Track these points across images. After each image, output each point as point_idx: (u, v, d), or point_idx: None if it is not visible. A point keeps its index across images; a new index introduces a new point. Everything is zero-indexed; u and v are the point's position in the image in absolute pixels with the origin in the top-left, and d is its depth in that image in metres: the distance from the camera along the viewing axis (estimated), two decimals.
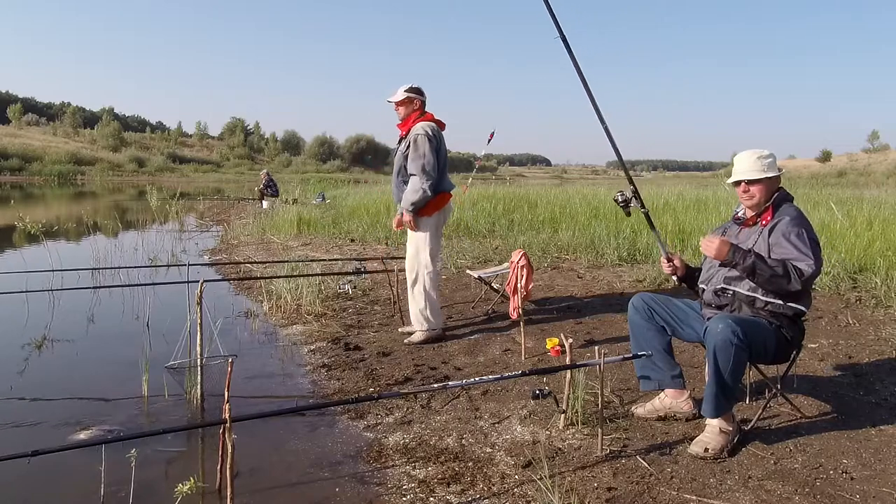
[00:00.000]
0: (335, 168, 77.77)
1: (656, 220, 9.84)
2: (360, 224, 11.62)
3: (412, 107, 4.60)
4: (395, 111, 4.67)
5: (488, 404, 3.54)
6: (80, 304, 6.10)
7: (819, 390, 3.60)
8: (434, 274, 4.64)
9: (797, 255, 2.85)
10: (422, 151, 4.42)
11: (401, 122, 4.66)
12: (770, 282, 2.83)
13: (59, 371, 4.36)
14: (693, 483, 2.62)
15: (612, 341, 4.62)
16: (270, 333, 5.21)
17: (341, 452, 3.04)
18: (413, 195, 4.44)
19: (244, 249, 9.85)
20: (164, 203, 14.54)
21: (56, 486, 2.79)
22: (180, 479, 2.16)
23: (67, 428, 3.31)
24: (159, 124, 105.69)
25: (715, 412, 2.84)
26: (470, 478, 2.72)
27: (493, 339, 4.78)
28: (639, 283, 6.67)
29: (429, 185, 4.43)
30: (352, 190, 22.91)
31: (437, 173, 4.46)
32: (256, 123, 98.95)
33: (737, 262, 2.86)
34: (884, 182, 32.95)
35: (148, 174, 56.49)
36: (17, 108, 75.75)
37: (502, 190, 16.51)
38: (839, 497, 2.51)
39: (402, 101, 4.58)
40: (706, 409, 2.86)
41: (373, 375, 4.06)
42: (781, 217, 2.99)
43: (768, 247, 2.94)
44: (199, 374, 3.65)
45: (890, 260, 6.49)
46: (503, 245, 9.07)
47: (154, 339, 4.98)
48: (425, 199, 4.47)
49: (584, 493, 2.55)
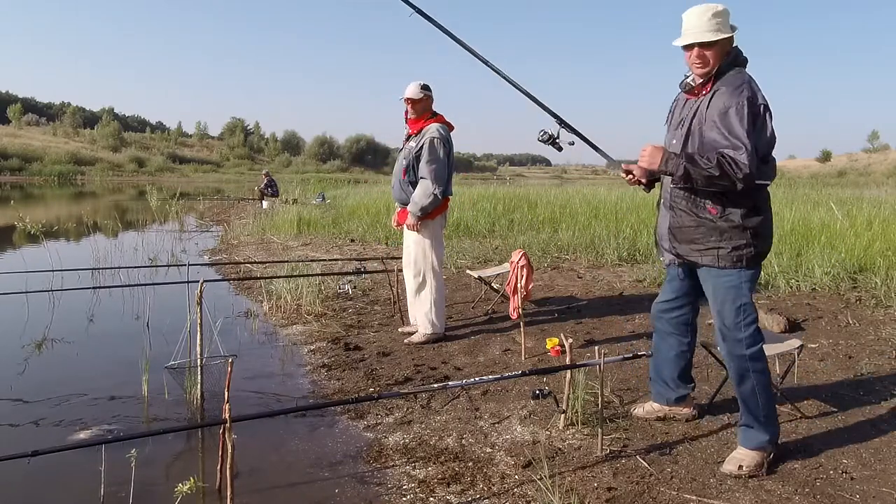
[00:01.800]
0: (335, 168, 77.79)
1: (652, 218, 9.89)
2: (360, 224, 11.62)
3: (426, 105, 4.57)
4: (405, 107, 4.56)
5: (488, 404, 3.54)
6: (80, 304, 6.10)
7: (819, 390, 3.60)
8: (440, 277, 4.65)
9: (726, 142, 2.45)
10: (436, 156, 4.39)
11: (412, 120, 4.59)
12: (709, 187, 2.52)
13: (59, 371, 4.36)
14: (693, 483, 2.62)
15: (612, 341, 4.62)
16: (270, 333, 5.21)
17: (341, 452, 3.04)
18: (424, 199, 4.40)
19: (244, 249, 9.85)
20: (164, 203, 14.55)
21: (56, 486, 2.79)
22: (180, 479, 2.16)
23: (67, 428, 3.31)
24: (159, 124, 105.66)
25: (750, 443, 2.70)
26: (470, 478, 2.72)
27: (493, 339, 4.78)
28: (639, 282, 6.67)
29: (440, 192, 4.41)
30: (352, 190, 22.92)
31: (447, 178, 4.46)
32: (256, 123, 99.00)
33: (670, 172, 2.55)
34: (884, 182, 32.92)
35: (148, 174, 56.47)
36: (17, 108, 75.70)
37: (502, 190, 16.53)
38: (839, 497, 2.51)
39: (420, 99, 4.51)
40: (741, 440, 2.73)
41: (373, 375, 4.06)
42: (719, 87, 2.57)
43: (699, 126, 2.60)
44: (199, 374, 3.65)
45: (890, 260, 6.48)
46: (503, 245, 9.08)
47: (154, 339, 4.98)
48: (434, 205, 4.44)
49: (584, 493, 2.55)
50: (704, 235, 2.65)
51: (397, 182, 4.65)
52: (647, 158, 2.60)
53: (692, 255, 2.72)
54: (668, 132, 2.85)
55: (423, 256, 4.58)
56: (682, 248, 2.75)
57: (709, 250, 2.66)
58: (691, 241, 2.70)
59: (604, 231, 9.02)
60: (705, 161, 2.46)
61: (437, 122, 4.52)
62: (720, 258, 2.64)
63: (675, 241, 2.77)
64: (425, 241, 4.57)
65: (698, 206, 2.65)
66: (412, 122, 4.60)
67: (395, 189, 4.70)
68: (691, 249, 2.71)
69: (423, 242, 4.57)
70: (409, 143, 4.57)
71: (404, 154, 4.59)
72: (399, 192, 4.64)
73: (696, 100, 2.67)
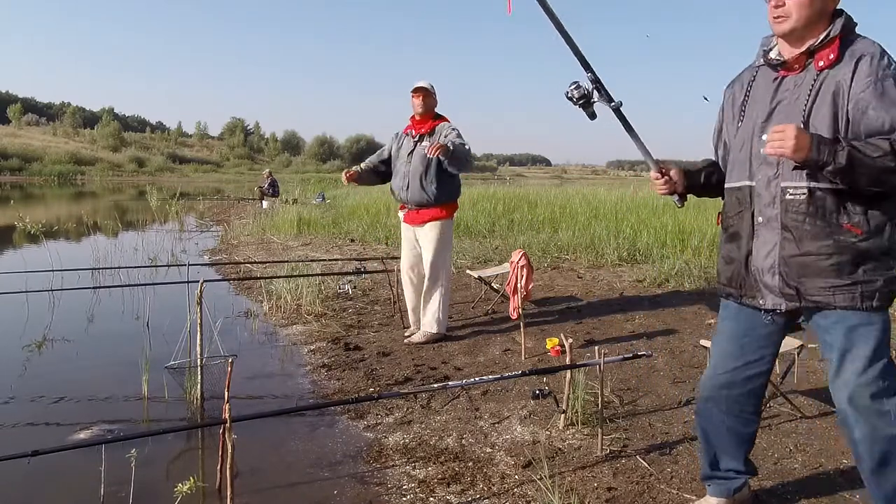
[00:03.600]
0: (335, 168, 77.73)
1: (656, 220, 9.89)
2: (360, 224, 11.62)
3: (435, 101, 4.59)
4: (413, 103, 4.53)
5: (488, 404, 3.54)
6: (80, 304, 6.10)
7: (819, 390, 3.60)
8: (451, 276, 4.68)
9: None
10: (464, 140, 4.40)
11: (420, 119, 4.56)
12: (876, 185, 1.81)
13: (59, 371, 4.35)
14: (693, 483, 2.62)
15: (612, 341, 4.62)
16: (270, 333, 5.21)
17: (341, 452, 3.04)
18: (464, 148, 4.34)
19: (244, 249, 9.85)
20: (163, 203, 14.56)
21: (56, 486, 2.79)
22: (180, 479, 2.16)
23: (67, 428, 3.31)
24: (159, 124, 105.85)
25: None
26: (470, 478, 2.72)
27: (493, 339, 4.78)
28: (639, 283, 6.67)
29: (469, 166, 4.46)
30: (352, 190, 22.87)
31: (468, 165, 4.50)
32: (256, 123, 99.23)
33: (825, 162, 1.77)
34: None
35: (148, 174, 56.51)
36: (17, 108, 75.79)
37: (502, 190, 16.54)
38: (839, 497, 2.51)
39: (432, 93, 4.52)
40: None
41: (373, 375, 4.06)
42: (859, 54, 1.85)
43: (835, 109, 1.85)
44: (199, 374, 3.65)
45: None
46: (503, 245, 9.08)
47: (154, 339, 4.97)
48: (465, 157, 4.38)
49: (584, 493, 2.55)
50: (841, 265, 1.88)
51: (416, 182, 4.47)
52: (790, 143, 1.76)
53: (819, 295, 1.92)
54: (744, 126, 2.07)
55: (440, 257, 4.59)
56: (807, 285, 1.94)
57: (847, 287, 1.89)
58: (818, 275, 1.91)
59: (604, 231, 9.02)
60: (872, 147, 1.76)
61: (444, 122, 4.55)
62: (865, 297, 1.88)
63: (791, 275, 1.95)
64: (443, 242, 4.57)
65: (832, 224, 1.88)
66: (420, 122, 4.57)
67: (412, 191, 4.51)
68: (819, 287, 1.92)
69: (440, 243, 4.56)
70: (421, 142, 4.51)
71: (420, 154, 4.46)
72: (419, 192, 4.48)
73: (795, 78, 1.96)
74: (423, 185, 4.48)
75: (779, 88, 2.00)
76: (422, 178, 4.47)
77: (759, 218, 2.01)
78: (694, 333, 4.69)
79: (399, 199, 4.67)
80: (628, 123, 2.23)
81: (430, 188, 4.48)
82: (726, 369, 2.19)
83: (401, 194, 4.62)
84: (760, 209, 2.00)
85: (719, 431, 2.27)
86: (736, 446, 2.27)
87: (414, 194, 4.52)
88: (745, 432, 2.26)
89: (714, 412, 2.25)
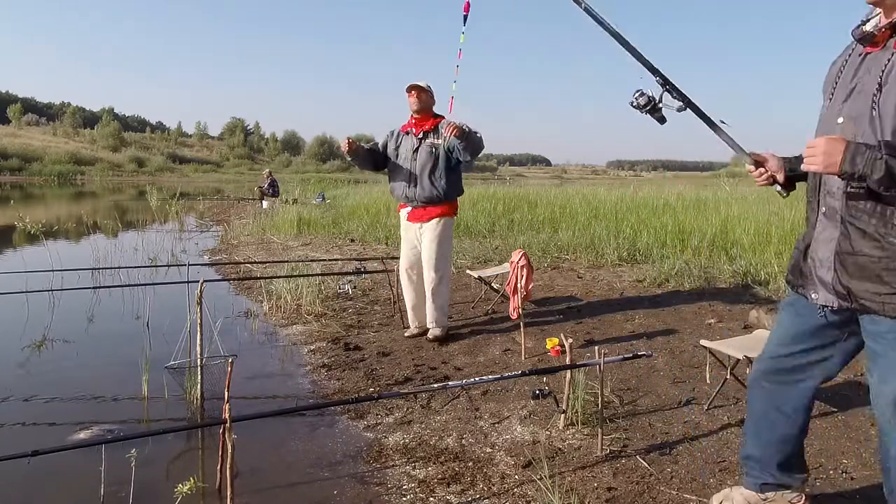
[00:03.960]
0: (335, 168, 77.77)
1: (656, 220, 9.89)
2: (360, 224, 11.62)
3: (432, 100, 4.59)
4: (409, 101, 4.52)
5: (488, 404, 3.54)
6: (80, 304, 6.09)
7: (819, 390, 3.58)
8: (451, 273, 4.70)
9: None
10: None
11: (420, 117, 4.55)
12: None
13: (59, 371, 4.35)
14: (693, 483, 2.62)
15: (612, 341, 4.62)
16: (270, 333, 5.21)
17: (341, 452, 3.04)
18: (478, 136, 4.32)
19: (244, 249, 9.85)
20: (163, 203, 14.56)
21: (56, 486, 2.79)
22: (180, 479, 2.16)
23: (67, 428, 3.31)
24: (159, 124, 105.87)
25: None
26: (470, 478, 2.72)
27: (493, 339, 4.78)
28: (639, 283, 6.67)
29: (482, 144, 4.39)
30: (352, 190, 22.91)
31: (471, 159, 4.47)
32: (256, 123, 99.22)
33: (862, 174, 1.66)
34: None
35: (148, 174, 56.51)
36: (17, 108, 75.81)
37: (502, 190, 16.52)
38: (839, 497, 2.51)
39: (428, 91, 4.51)
40: None
41: (373, 375, 4.06)
42: None
43: None
44: (199, 374, 3.65)
45: None
46: (503, 245, 9.08)
47: (154, 339, 4.97)
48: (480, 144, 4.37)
49: (584, 493, 2.55)
50: (892, 272, 1.76)
51: (425, 178, 4.46)
52: (820, 158, 1.69)
53: (870, 300, 1.81)
54: (830, 106, 1.91)
55: (444, 253, 4.62)
56: (857, 287, 1.82)
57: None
58: (871, 279, 1.79)
59: (604, 231, 9.02)
60: None
61: (444, 119, 4.54)
62: None
63: (844, 273, 1.85)
64: (447, 239, 4.61)
65: (888, 225, 1.75)
66: (421, 121, 4.57)
67: (420, 187, 4.49)
68: (870, 292, 1.80)
69: (444, 240, 4.59)
70: (426, 140, 4.51)
71: (427, 150, 4.47)
72: (429, 188, 4.47)
73: (879, 55, 1.75)
74: (433, 180, 4.49)
75: (860, 67, 1.81)
76: (431, 173, 4.48)
77: (823, 208, 1.91)
78: (694, 333, 4.69)
79: (403, 197, 4.63)
80: (708, 118, 2.09)
81: (440, 183, 4.49)
82: (774, 355, 2.12)
83: (406, 192, 4.58)
84: (825, 199, 1.90)
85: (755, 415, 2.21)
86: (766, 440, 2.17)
87: (423, 190, 4.51)
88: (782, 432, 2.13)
89: (755, 396, 2.19)
